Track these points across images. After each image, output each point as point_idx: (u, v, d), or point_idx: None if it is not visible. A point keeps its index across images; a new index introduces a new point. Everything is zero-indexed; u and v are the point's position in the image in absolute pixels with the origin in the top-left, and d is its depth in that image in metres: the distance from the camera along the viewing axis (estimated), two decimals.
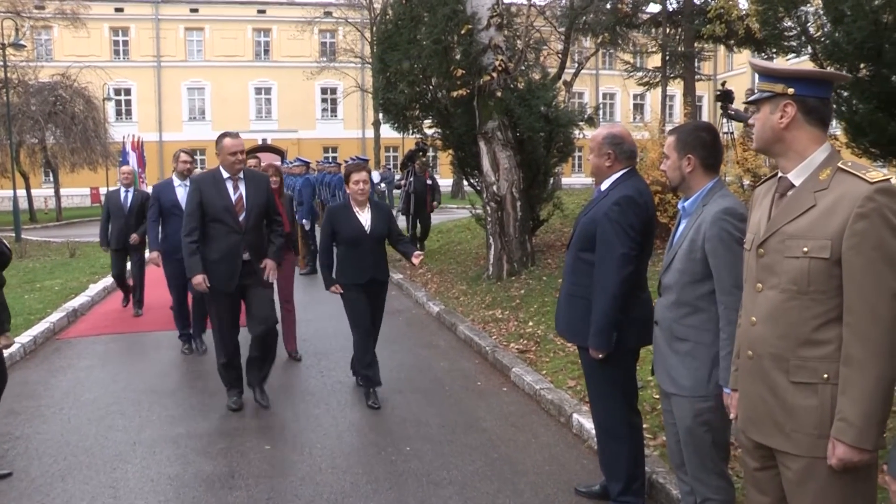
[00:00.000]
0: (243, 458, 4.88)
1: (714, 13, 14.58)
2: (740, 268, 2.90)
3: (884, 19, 8.86)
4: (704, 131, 3.23)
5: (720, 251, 2.98)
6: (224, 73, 42.62)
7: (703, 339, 3.07)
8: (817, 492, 2.32)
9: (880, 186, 2.20)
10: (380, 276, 6.05)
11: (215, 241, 5.66)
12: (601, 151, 3.85)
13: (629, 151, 3.85)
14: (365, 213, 5.95)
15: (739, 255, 2.92)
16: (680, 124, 3.45)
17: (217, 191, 5.66)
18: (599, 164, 3.88)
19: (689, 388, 3.10)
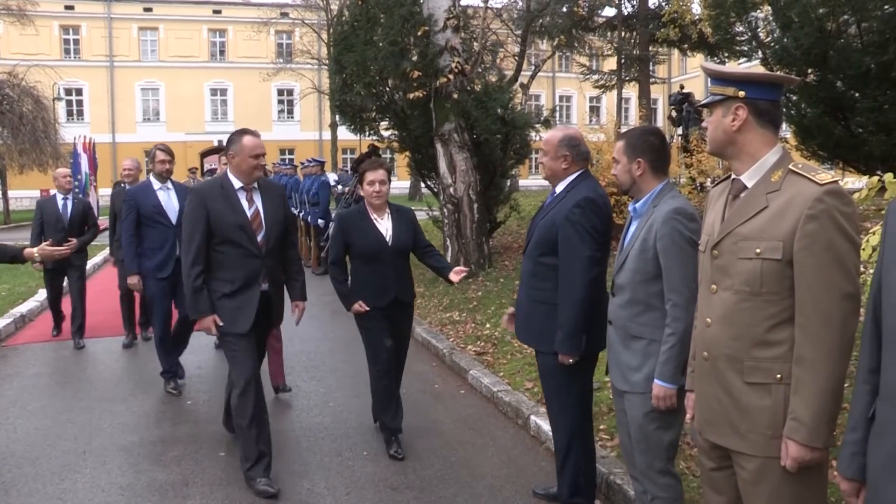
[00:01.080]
0: (198, 466, 4.80)
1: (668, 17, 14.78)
2: (689, 266, 2.95)
3: (828, 27, 9.10)
4: (653, 135, 3.28)
5: (670, 250, 3.02)
6: (179, 73, 42.03)
7: (656, 337, 3.09)
8: (771, 491, 2.36)
9: (829, 188, 2.24)
10: (404, 297, 5.02)
11: (227, 269, 4.45)
12: (557, 154, 3.83)
13: (585, 153, 3.85)
14: (385, 221, 4.95)
15: (689, 254, 2.97)
16: (629, 129, 3.48)
17: (229, 204, 4.43)
18: (555, 167, 3.86)
19: (643, 384, 3.12)
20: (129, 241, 6.40)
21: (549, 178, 3.95)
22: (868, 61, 8.75)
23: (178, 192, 6.58)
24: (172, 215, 6.41)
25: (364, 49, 10.18)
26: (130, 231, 6.38)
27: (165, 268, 6.32)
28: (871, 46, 8.79)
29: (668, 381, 3.00)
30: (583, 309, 3.55)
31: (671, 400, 3.01)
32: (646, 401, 3.12)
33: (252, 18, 39.99)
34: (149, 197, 6.46)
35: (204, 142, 41.77)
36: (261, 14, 39.29)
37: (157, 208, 6.43)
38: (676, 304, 2.99)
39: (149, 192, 6.51)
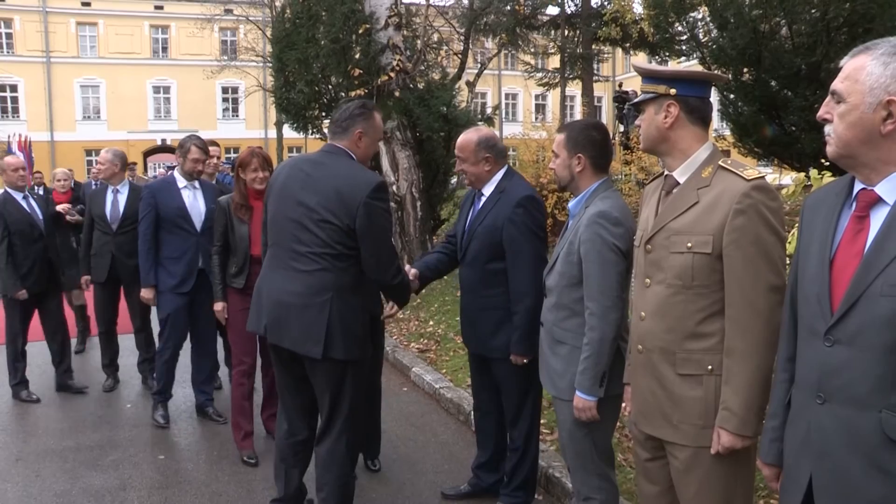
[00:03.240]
0: (136, 469, 4.74)
1: (609, 16, 14.99)
2: (609, 274, 2.97)
3: (762, 28, 9.35)
4: (595, 130, 3.22)
5: (591, 256, 2.99)
6: (120, 70, 41.02)
7: (579, 343, 3.05)
8: (702, 479, 2.42)
9: (756, 184, 2.30)
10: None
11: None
12: (478, 157, 3.74)
13: (503, 150, 3.82)
14: None
15: (610, 261, 2.97)
16: (570, 122, 3.42)
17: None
18: (479, 171, 3.77)
19: (568, 391, 3.10)
20: (146, 247, 5.45)
21: (474, 183, 3.86)
22: (799, 62, 9.01)
23: (205, 192, 5.61)
24: (198, 220, 5.47)
25: (306, 47, 10.11)
26: (147, 235, 5.44)
27: (186, 282, 5.44)
28: (802, 48, 9.07)
29: (586, 393, 2.98)
30: (535, 309, 3.43)
31: (591, 412, 2.99)
32: (572, 407, 3.09)
33: (195, 15, 39.19)
34: (172, 197, 5.49)
35: (147, 140, 41.10)
36: (204, 10, 38.53)
37: (181, 210, 5.48)
38: (593, 313, 2.97)
39: (172, 190, 5.53)
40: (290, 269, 3.37)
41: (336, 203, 3.27)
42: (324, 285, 3.31)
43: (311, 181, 3.37)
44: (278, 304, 3.40)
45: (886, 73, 1.70)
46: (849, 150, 1.78)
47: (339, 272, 3.32)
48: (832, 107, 1.80)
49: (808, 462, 1.86)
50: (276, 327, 3.42)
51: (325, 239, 3.28)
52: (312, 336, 3.32)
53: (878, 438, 1.69)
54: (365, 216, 3.24)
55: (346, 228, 3.25)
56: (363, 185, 3.27)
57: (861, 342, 1.71)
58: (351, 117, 3.49)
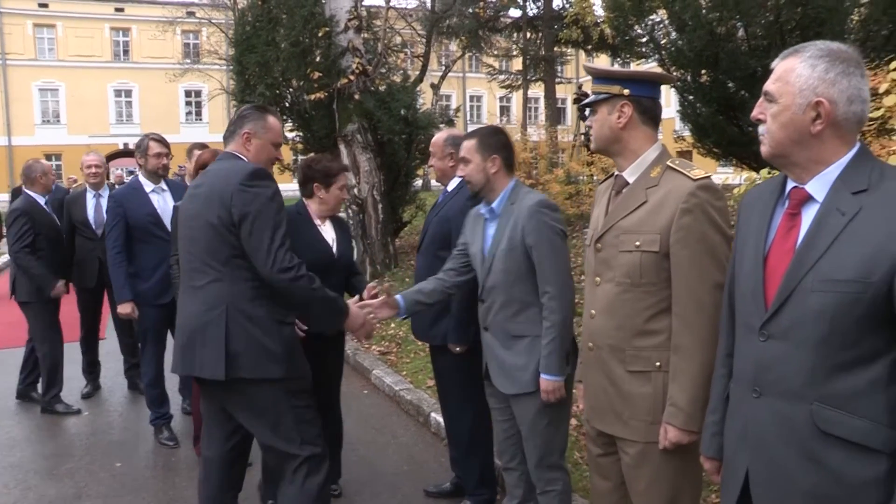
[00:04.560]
0: (92, 478, 4.69)
1: (570, 18, 15.12)
2: (560, 257, 3.06)
3: (718, 30, 9.50)
4: (502, 134, 3.39)
5: (541, 243, 3.08)
6: (80, 73, 40.36)
7: (538, 332, 3.13)
8: (652, 474, 2.46)
9: (702, 183, 2.34)
10: None
11: None
12: (444, 153, 3.95)
13: None
14: (327, 229, 4.11)
15: (559, 246, 3.08)
16: (475, 129, 3.53)
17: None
18: (443, 167, 3.97)
19: (532, 383, 3.14)
20: (118, 260, 5.09)
21: (440, 178, 4.06)
22: (754, 64, 9.15)
23: (175, 193, 5.26)
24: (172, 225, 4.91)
25: (266, 50, 10.08)
26: (118, 248, 5.09)
27: (165, 293, 5.05)
28: (757, 50, 9.21)
29: (553, 374, 3.05)
30: (474, 300, 3.49)
31: (560, 392, 3.08)
32: (535, 399, 3.16)
33: (157, 17, 38.67)
34: (141, 203, 5.17)
35: (109, 144, 40.44)
36: (166, 13, 38.10)
37: (153, 217, 5.16)
38: (553, 297, 3.05)
39: (140, 196, 5.21)
40: (188, 289, 3.13)
41: (214, 200, 3.00)
42: (217, 297, 2.99)
43: (197, 191, 3.14)
44: (182, 331, 3.11)
45: (814, 75, 1.75)
46: (781, 150, 1.82)
47: (231, 281, 2.99)
48: (765, 107, 1.84)
49: (745, 455, 1.90)
50: (181, 357, 3.10)
51: (208, 245, 3.02)
52: (212, 356, 2.96)
53: (810, 430, 1.73)
54: (240, 205, 2.94)
55: (227, 225, 2.96)
56: (236, 174, 3.02)
57: (793, 336, 1.76)
58: (239, 118, 3.28)
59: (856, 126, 1.77)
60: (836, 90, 1.74)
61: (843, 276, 1.67)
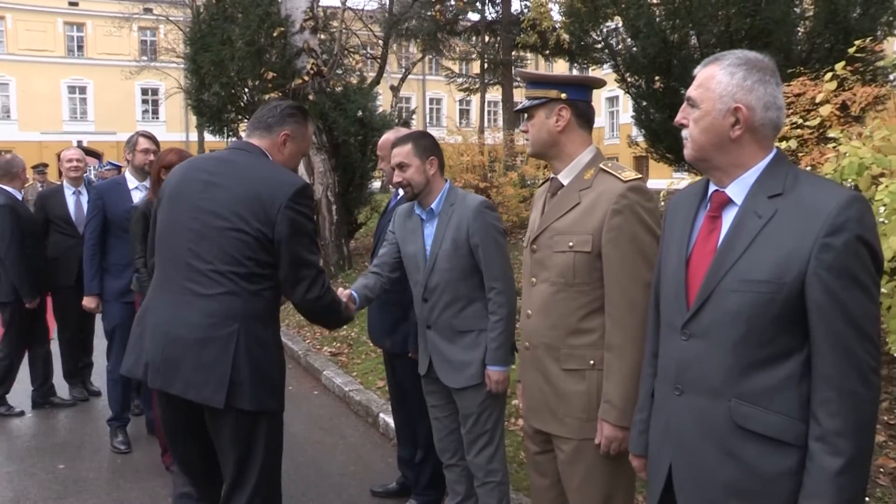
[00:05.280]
0: (32, 480, 4.61)
1: (527, 23, 15.24)
2: (505, 255, 3.17)
3: (671, 38, 9.67)
4: (431, 136, 3.48)
5: (487, 242, 3.18)
6: (31, 68, 39.38)
7: (483, 326, 3.23)
8: (586, 470, 2.50)
9: (632, 185, 2.41)
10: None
11: None
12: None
13: None
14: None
15: (502, 244, 3.19)
16: (406, 133, 3.58)
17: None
18: None
19: (478, 376, 3.23)
20: (91, 253, 5.10)
21: (390, 181, 3.98)
22: None
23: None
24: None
25: (221, 49, 10.00)
26: (94, 240, 5.09)
27: (132, 292, 4.90)
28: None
29: (500, 364, 3.16)
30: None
31: (507, 382, 3.19)
32: (480, 392, 3.24)
33: (113, 13, 38.04)
34: (122, 199, 5.08)
35: (62, 142, 39.45)
36: (122, 9, 37.49)
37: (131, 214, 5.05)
38: (500, 291, 3.16)
39: (122, 192, 5.14)
40: (184, 292, 2.66)
41: (250, 207, 2.63)
42: (229, 313, 2.60)
43: (216, 182, 2.72)
44: (167, 338, 2.65)
45: (733, 81, 1.81)
46: (703, 154, 1.88)
47: (249, 297, 2.63)
48: (688, 112, 1.90)
49: (667, 451, 1.95)
50: (163, 368, 2.64)
51: (232, 253, 2.61)
52: (213, 379, 2.57)
53: (728, 426, 1.79)
54: (286, 224, 2.62)
55: (262, 239, 2.62)
56: (286, 187, 2.67)
57: (713, 335, 1.81)
58: (281, 116, 2.90)
59: (772, 132, 1.84)
60: (754, 97, 1.80)
61: (758, 277, 1.74)
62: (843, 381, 1.67)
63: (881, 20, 8.65)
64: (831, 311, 1.67)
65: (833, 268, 1.66)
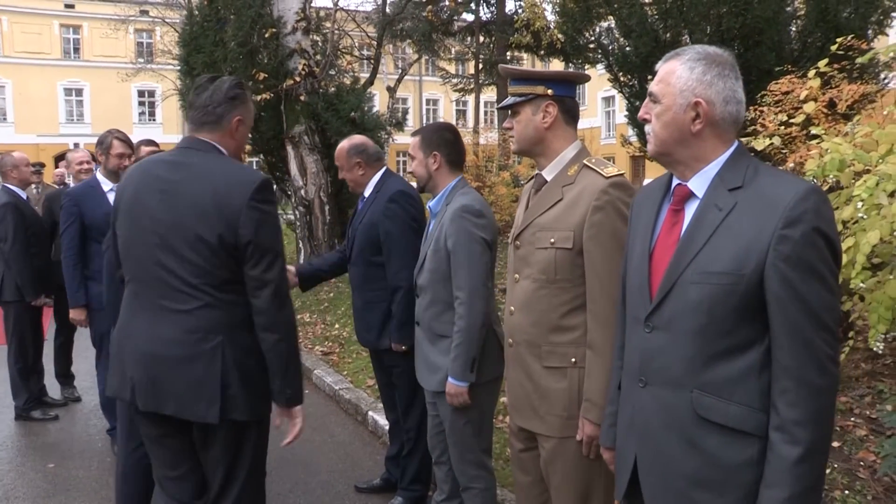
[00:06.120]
0: (21, 479, 4.63)
1: (521, 23, 15.27)
2: (476, 264, 3.06)
3: (663, 37, 9.70)
4: (447, 131, 3.39)
5: (457, 248, 3.10)
6: (28, 70, 39.34)
7: None
8: (566, 468, 2.51)
9: (614, 181, 2.40)
10: None
11: None
12: (350, 163, 3.94)
13: (376, 154, 3.97)
14: None
15: (476, 252, 3.07)
16: (424, 126, 3.57)
17: None
18: (354, 176, 3.96)
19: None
20: (72, 262, 4.87)
21: (354, 188, 4.04)
22: None
23: None
24: None
25: (213, 50, 10.01)
26: (73, 249, 4.86)
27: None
28: None
29: (458, 378, 3.08)
30: (411, 298, 3.53)
31: (463, 397, 3.09)
32: None
33: (109, 15, 37.99)
34: (98, 203, 4.89)
35: (58, 144, 39.56)
36: (118, 11, 37.46)
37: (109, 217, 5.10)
38: (462, 302, 3.07)
39: (97, 195, 4.95)
40: (160, 309, 2.55)
41: (211, 213, 2.49)
42: (210, 326, 2.51)
43: (172, 189, 2.56)
44: (149, 358, 2.56)
45: (692, 76, 1.83)
46: (665, 148, 1.90)
47: (227, 307, 2.53)
48: (650, 107, 1.92)
49: (633, 443, 1.97)
50: (151, 389, 2.55)
51: (200, 264, 2.50)
52: (204, 395, 2.50)
53: (691, 416, 1.81)
54: (250, 225, 2.49)
55: (227, 245, 2.49)
56: (244, 185, 2.51)
57: (675, 327, 1.83)
58: (227, 102, 2.67)
59: (732, 126, 1.86)
60: (713, 91, 1.82)
61: (718, 269, 1.76)
62: (802, 371, 1.68)
63: (871, 19, 8.68)
64: (789, 301, 1.68)
65: (791, 259, 1.67)
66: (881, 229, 3.14)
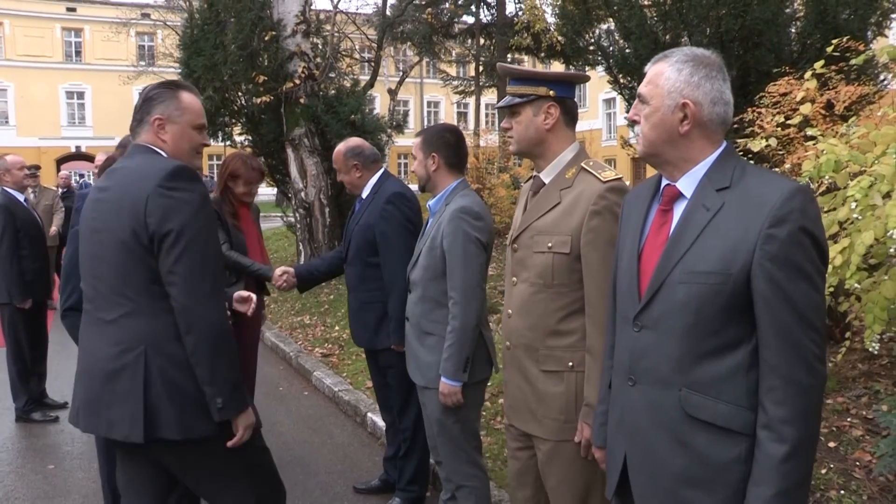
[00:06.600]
0: (21, 480, 4.65)
1: (521, 26, 15.29)
2: (471, 266, 3.07)
3: (663, 39, 9.71)
4: (449, 132, 3.38)
5: (454, 248, 3.11)
6: (30, 74, 39.46)
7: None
8: (563, 471, 2.51)
9: (611, 185, 2.39)
10: None
11: None
12: (348, 166, 3.97)
13: (372, 156, 3.99)
14: None
15: (472, 254, 3.08)
16: (427, 126, 3.60)
17: None
18: (351, 178, 3.99)
19: (438, 379, 3.19)
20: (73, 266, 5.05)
21: (352, 189, 4.07)
22: None
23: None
24: None
25: (213, 53, 10.05)
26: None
27: None
28: None
29: (450, 378, 3.09)
30: (406, 299, 3.51)
31: (456, 397, 3.11)
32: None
33: (110, 18, 38.03)
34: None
35: (60, 147, 39.72)
36: (120, 14, 37.51)
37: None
38: (456, 303, 3.09)
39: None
40: (96, 322, 2.44)
41: (123, 211, 2.35)
42: (133, 336, 2.34)
43: (103, 198, 2.47)
44: (86, 376, 2.44)
45: (680, 78, 1.85)
46: (654, 149, 1.92)
47: (151, 313, 2.35)
48: (639, 109, 1.93)
49: (622, 441, 1.98)
50: (84, 409, 2.42)
51: (119, 268, 2.36)
52: (127, 413, 2.31)
53: (679, 415, 1.82)
54: (158, 214, 2.31)
55: (142, 243, 2.33)
56: (153, 174, 2.35)
57: (663, 326, 1.85)
58: (145, 103, 2.55)
59: (720, 126, 1.87)
60: (701, 92, 1.84)
61: (706, 269, 1.77)
62: (789, 369, 1.70)
63: (870, 20, 8.68)
64: (776, 301, 1.70)
65: (777, 258, 1.69)
66: (875, 230, 3.14)
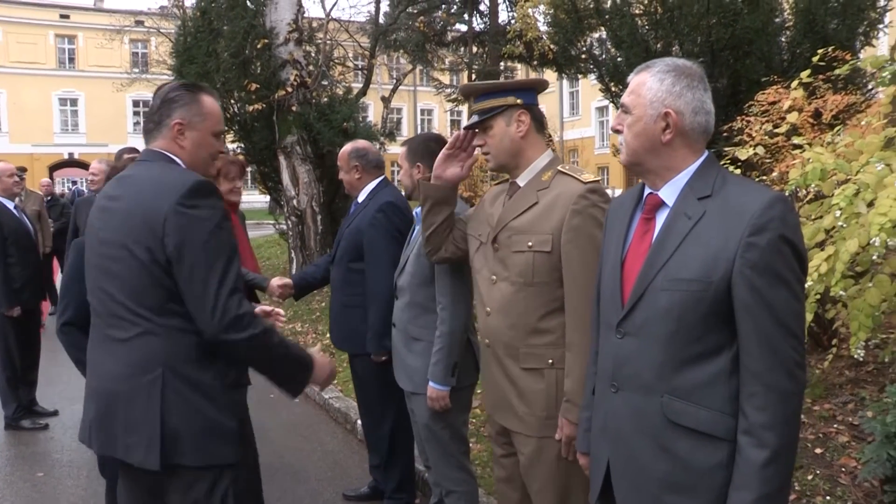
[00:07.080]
0: (10, 488, 4.64)
1: (513, 34, 15.35)
2: (454, 273, 3.09)
3: (653, 47, 9.78)
4: (433, 142, 3.42)
5: None
6: (22, 80, 39.31)
7: (433, 339, 3.19)
8: (546, 469, 2.54)
9: (591, 186, 2.45)
10: None
11: None
12: (349, 166, 3.98)
13: (375, 161, 4.00)
14: None
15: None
16: (412, 136, 3.65)
17: None
18: (350, 179, 4.01)
19: (426, 385, 3.21)
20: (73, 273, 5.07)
21: (349, 190, 4.10)
22: None
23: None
24: None
25: (206, 61, 10.07)
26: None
27: None
28: None
29: (438, 383, 3.12)
30: (388, 309, 3.57)
31: (444, 401, 3.14)
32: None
33: (104, 25, 37.96)
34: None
35: (53, 154, 39.63)
36: (113, 21, 37.44)
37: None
38: (445, 308, 3.12)
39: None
40: (107, 340, 2.32)
41: (139, 225, 2.21)
42: (149, 357, 2.21)
43: (112, 207, 2.34)
44: (99, 396, 2.33)
45: (662, 87, 1.87)
46: (636, 158, 1.95)
47: (170, 335, 2.22)
48: (622, 118, 1.96)
49: (606, 447, 2.00)
50: (100, 430, 2.31)
51: (137, 286, 2.21)
52: (143, 438, 2.19)
53: (661, 421, 1.85)
54: (176, 233, 2.17)
55: (159, 261, 2.19)
56: (172, 189, 2.20)
57: (646, 333, 1.87)
58: (164, 104, 2.40)
59: (702, 136, 1.90)
60: (682, 102, 1.87)
61: (687, 276, 1.79)
62: (770, 376, 1.72)
63: (858, 30, 8.76)
64: (757, 308, 1.72)
65: (757, 266, 1.71)
66: (860, 238, 3.18)
